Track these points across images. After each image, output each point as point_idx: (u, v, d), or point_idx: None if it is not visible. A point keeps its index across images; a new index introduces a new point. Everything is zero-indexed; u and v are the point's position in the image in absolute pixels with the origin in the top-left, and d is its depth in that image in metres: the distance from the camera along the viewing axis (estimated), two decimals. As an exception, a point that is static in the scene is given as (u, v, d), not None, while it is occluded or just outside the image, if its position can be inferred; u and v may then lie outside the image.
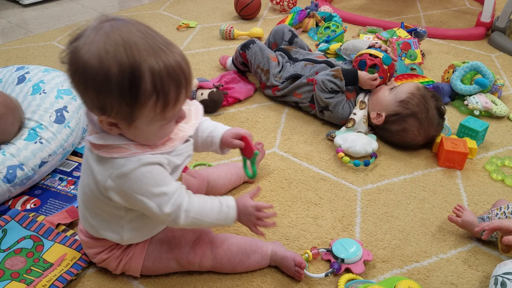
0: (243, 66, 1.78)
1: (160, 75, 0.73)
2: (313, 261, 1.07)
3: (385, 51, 1.54)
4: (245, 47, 1.71)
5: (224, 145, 1.01)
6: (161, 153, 0.85)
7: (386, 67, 1.51)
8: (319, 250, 1.07)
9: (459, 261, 1.09)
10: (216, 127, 1.02)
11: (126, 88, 0.73)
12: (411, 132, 1.42)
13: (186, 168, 0.97)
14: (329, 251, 1.07)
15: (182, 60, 0.77)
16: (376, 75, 1.49)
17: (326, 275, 1.01)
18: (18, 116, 1.21)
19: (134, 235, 0.95)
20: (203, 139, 1.01)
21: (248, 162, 1.01)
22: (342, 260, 1.03)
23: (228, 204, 0.92)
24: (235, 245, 1.01)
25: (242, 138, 0.99)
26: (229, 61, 1.87)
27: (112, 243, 0.97)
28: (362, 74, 1.50)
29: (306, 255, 1.05)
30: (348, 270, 1.03)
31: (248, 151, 0.99)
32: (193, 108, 0.99)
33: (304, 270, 1.01)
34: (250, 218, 0.93)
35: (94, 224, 0.93)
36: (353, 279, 1.00)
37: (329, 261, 1.06)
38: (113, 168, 0.81)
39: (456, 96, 1.74)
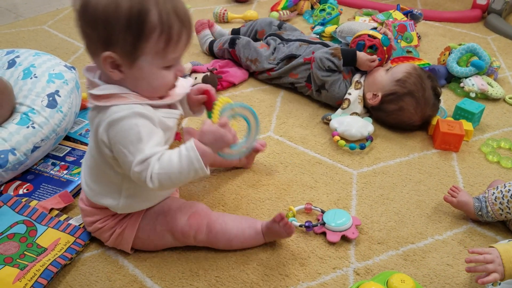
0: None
1: (166, 9, 0.79)
2: (306, 215, 1.15)
3: (385, 34, 1.53)
4: (232, 44, 1.71)
5: (191, 103, 1.01)
6: (158, 105, 0.88)
7: (385, 48, 1.50)
8: (313, 207, 1.15)
9: (455, 242, 1.09)
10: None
11: (134, 17, 0.77)
12: (407, 111, 1.41)
13: (178, 135, 0.98)
14: (323, 212, 1.12)
15: (184, 5, 0.83)
16: (374, 56, 1.49)
17: (300, 226, 1.09)
18: (7, 98, 1.18)
19: (130, 203, 0.97)
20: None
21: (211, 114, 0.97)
22: (323, 224, 1.08)
23: (186, 147, 0.86)
24: (230, 219, 1.03)
25: (204, 92, 0.99)
26: (217, 28, 1.91)
27: (108, 214, 0.99)
28: (361, 55, 1.49)
29: (291, 211, 1.13)
30: (324, 234, 1.08)
31: (208, 104, 0.99)
32: (183, 80, 1.00)
33: (293, 222, 1.08)
34: (218, 142, 0.88)
35: (94, 188, 0.96)
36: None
37: (317, 220, 1.12)
38: (106, 115, 0.83)
39: (452, 79, 1.73)
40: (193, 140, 0.86)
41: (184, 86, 0.97)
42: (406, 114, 1.42)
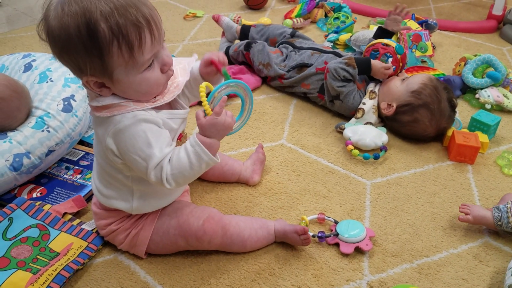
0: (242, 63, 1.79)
1: (113, 17, 0.74)
2: (318, 225, 1.15)
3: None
4: (248, 47, 1.72)
5: (205, 76, 0.99)
6: (161, 104, 0.87)
7: (399, 56, 1.49)
8: (326, 217, 1.14)
9: (470, 256, 1.08)
10: (193, 67, 1.00)
11: (86, 39, 0.74)
12: (422, 123, 1.40)
13: (181, 135, 0.99)
14: (336, 222, 1.12)
15: (134, 3, 0.76)
16: (389, 64, 1.48)
17: (313, 236, 1.08)
18: (25, 102, 1.19)
19: (143, 203, 0.97)
20: (189, 83, 0.99)
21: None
22: (337, 234, 1.08)
23: (190, 143, 0.88)
24: (242, 221, 1.04)
25: (211, 62, 0.96)
26: (225, 20, 1.91)
27: (123, 215, 1.00)
28: (376, 63, 1.48)
29: (303, 221, 1.12)
30: (337, 245, 1.08)
31: (219, 70, 0.96)
32: (186, 62, 0.98)
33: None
34: (221, 131, 0.89)
35: (106, 194, 0.96)
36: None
37: (330, 230, 1.11)
38: (110, 126, 0.84)
39: (467, 90, 1.71)
40: (195, 134, 0.88)
41: (186, 70, 0.95)
42: (421, 125, 1.41)
